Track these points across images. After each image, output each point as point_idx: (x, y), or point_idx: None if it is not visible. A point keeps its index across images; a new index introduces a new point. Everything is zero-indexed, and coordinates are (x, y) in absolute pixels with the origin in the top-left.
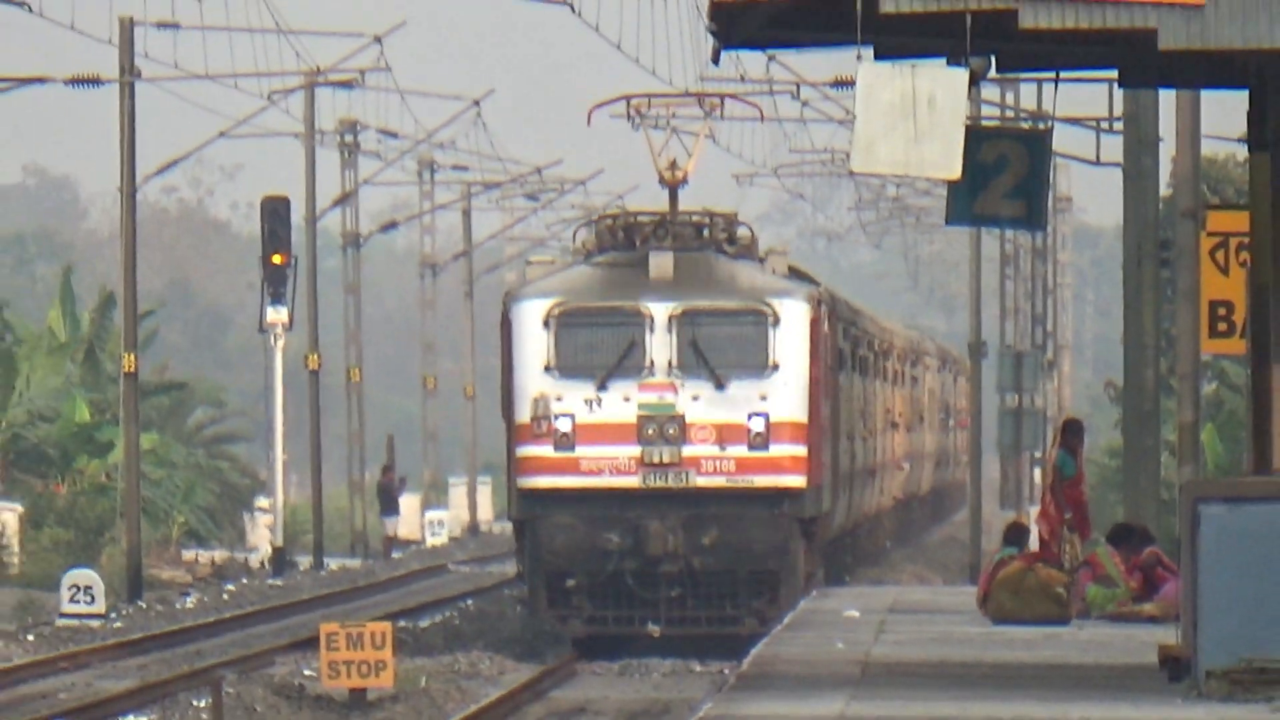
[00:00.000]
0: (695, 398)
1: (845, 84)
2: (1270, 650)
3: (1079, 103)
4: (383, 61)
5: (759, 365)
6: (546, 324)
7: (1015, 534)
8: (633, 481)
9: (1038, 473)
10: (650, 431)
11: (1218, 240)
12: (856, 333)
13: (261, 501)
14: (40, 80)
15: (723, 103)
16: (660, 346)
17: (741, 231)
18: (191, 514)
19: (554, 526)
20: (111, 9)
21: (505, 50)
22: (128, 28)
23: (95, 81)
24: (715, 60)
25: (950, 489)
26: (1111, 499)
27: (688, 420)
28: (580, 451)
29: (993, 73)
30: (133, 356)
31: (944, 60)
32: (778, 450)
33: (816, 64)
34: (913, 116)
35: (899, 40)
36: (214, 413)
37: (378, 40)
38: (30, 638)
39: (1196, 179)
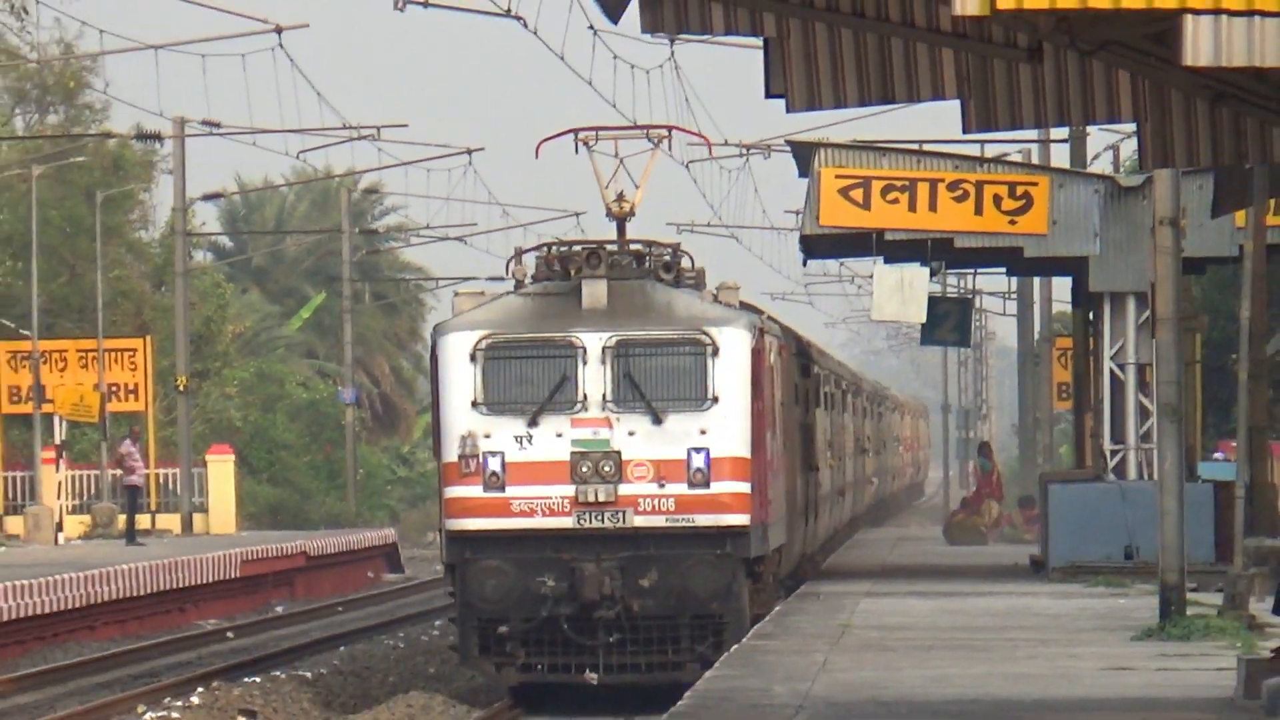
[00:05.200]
0: (631, 433)
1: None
2: (1083, 558)
3: (994, 282)
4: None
5: (698, 398)
6: (473, 357)
7: (965, 502)
8: (567, 523)
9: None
10: (585, 469)
11: (1060, 352)
12: (822, 370)
13: None
14: None
15: (670, 134)
16: (594, 379)
17: (684, 262)
18: None
19: (484, 571)
20: None
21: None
22: None
23: None
24: (804, 264)
25: (910, 490)
26: (1012, 483)
27: (624, 457)
28: (511, 492)
29: (943, 270)
30: None
31: (919, 263)
32: (719, 488)
33: (865, 264)
34: (901, 291)
35: (896, 254)
36: None
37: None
38: None
39: (1049, 320)
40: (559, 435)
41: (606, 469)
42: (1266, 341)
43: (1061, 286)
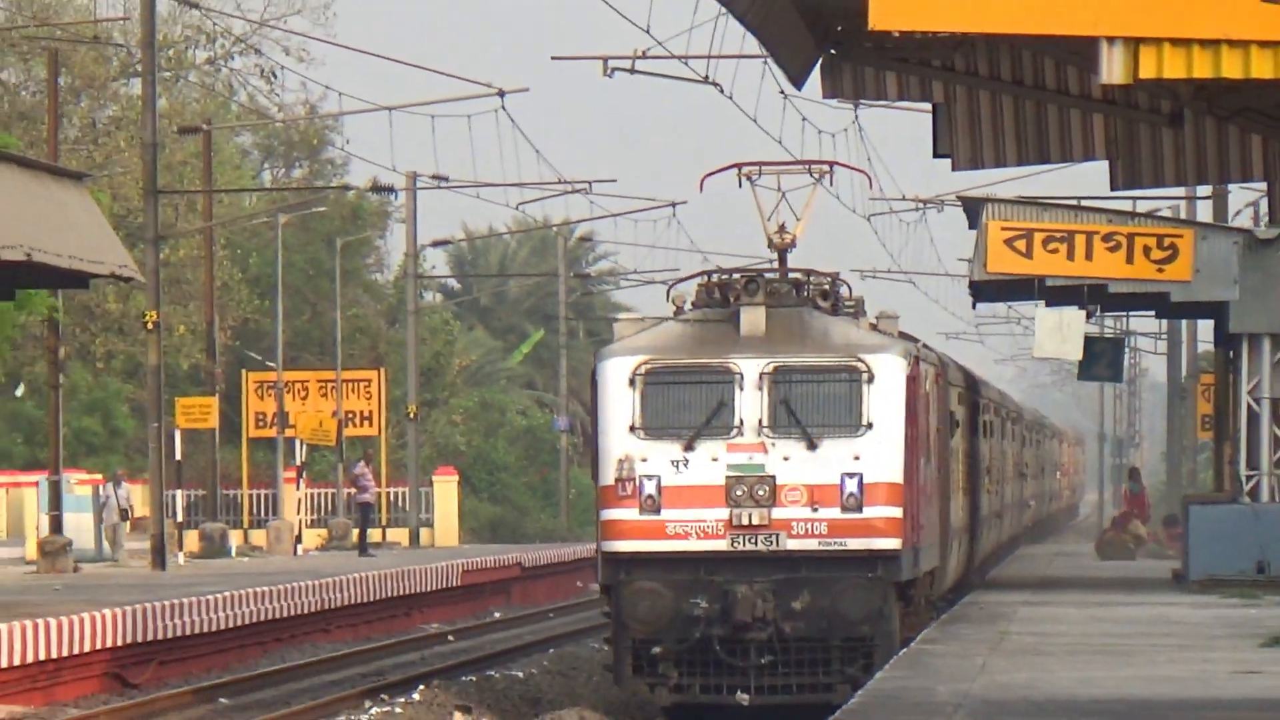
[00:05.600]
0: (786, 458)
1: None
2: (1219, 571)
3: (1147, 323)
4: None
5: (852, 424)
6: (632, 382)
7: (1116, 519)
8: (721, 545)
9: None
10: (739, 493)
11: (1205, 387)
12: (980, 400)
13: None
14: None
15: (831, 169)
16: (750, 405)
17: (842, 290)
18: None
19: (639, 592)
20: None
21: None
22: None
23: None
24: (974, 307)
25: (1066, 511)
26: (1161, 504)
27: (778, 481)
28: (666, 515)
29: (1098, 312)
30: None
31: (1076, 306)
32: (872, 512)
33: (1029, 307)
34: (1060, 331)
35: (1056, 298)
36: None
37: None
38: None
39: (1195, 359)
40: (714, 459)
41: (761, 493)
42: None
43: (1206, 328)
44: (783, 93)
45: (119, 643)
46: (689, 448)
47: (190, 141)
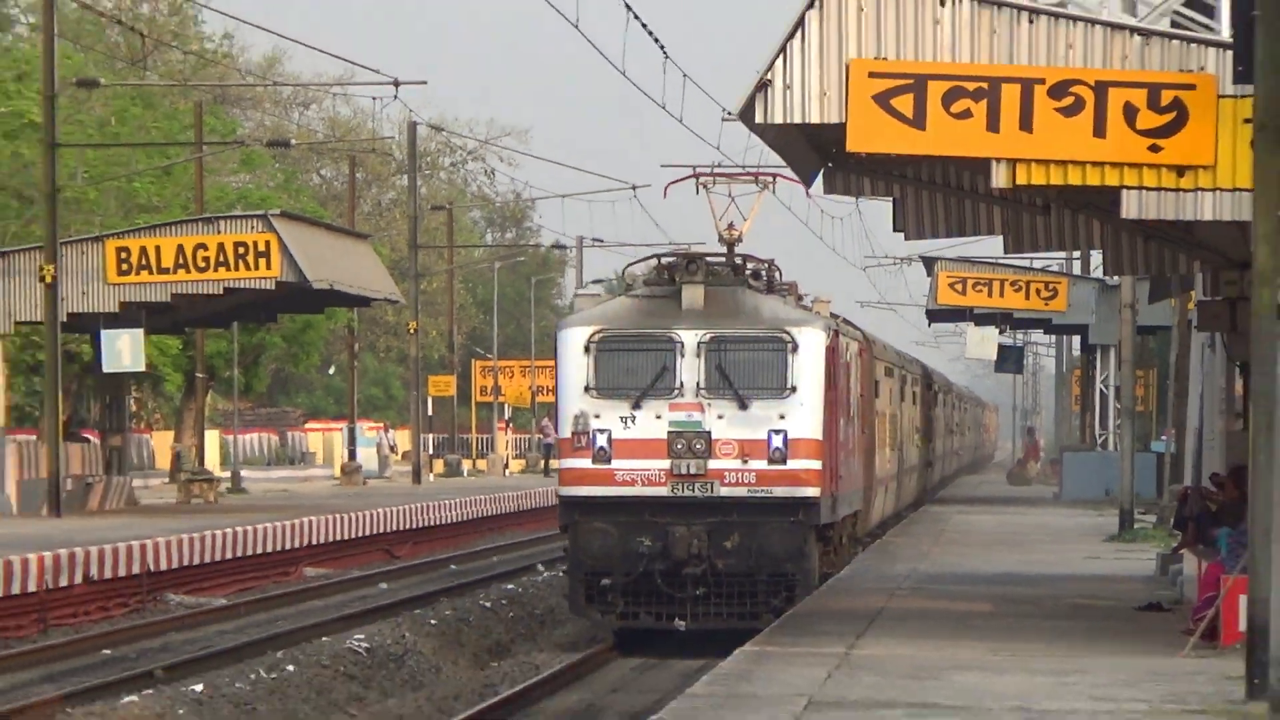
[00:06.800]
0: (720, 416)
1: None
2: (1081, 495)
3: (1041, 336)
4: None
5: (778, 387)
6: (587, 349)
7: (1020, 460)
8: (663, 492)
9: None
10: (679, 447)
11: (1077, 377)
12: (932, 382)
13: None
14: None
15: (774, 179)
16: (689, 370)
17: (776, 275)
18: None
19: (591, 531)
20: None
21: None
22: None
23: None
24: (929, 326)
25: (988, 455)
26: (1049, 450)
27: (713, 437)
28: (616, 464)
29: (1008, 329)
30: None
31: (992, 326)
32: (795, 465)
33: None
34: (982, 341)
35: (981, 320)
36: None
37: None
38: None
39: (1071, 359)
40: (658, 417)
41: (698, 447)
42: (1188, 374)
43: (1076, 340)
44: (807, 191)
45: (389, 529)
46: (636, 406)
47: (439, 215)
